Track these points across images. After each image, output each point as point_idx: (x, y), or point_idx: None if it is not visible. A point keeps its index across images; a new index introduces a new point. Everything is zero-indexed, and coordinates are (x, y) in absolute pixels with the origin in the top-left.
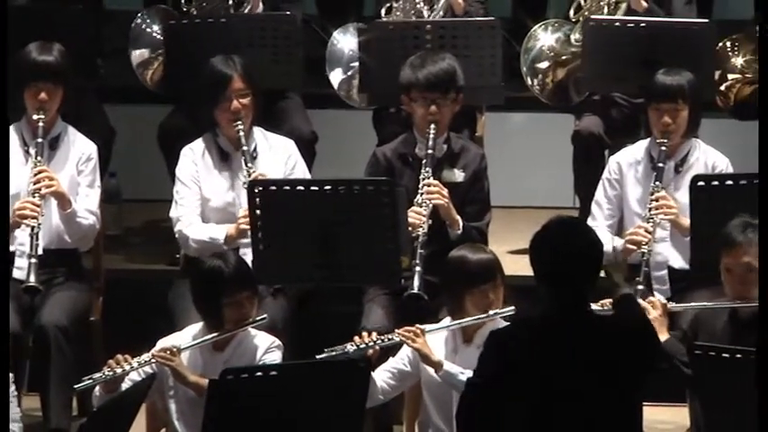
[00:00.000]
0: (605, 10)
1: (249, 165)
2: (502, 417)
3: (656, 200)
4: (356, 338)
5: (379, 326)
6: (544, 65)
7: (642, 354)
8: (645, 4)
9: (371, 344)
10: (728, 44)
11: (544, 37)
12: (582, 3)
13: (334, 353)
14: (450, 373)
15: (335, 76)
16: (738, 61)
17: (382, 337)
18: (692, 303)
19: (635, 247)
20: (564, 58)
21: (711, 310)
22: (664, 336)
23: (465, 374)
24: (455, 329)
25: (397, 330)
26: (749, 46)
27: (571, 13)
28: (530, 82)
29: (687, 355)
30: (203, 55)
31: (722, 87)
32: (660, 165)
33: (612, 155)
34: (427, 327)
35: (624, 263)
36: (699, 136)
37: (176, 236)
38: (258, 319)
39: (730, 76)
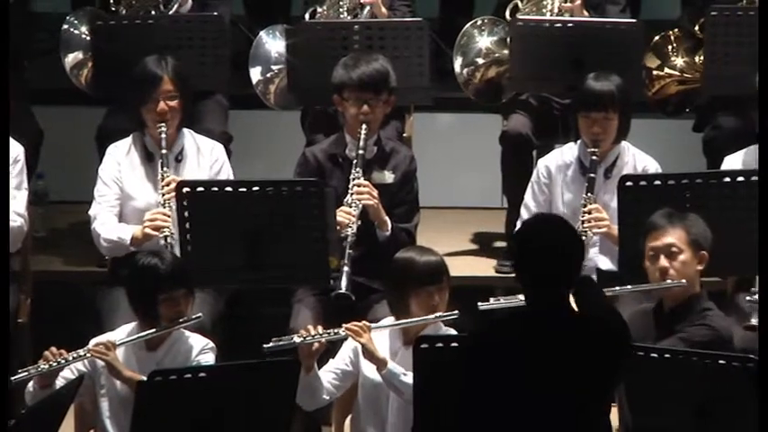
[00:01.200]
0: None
1: (165, 169)
2: (483, 417)
3: (589, 212)
4: (302, 331)
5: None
6: (479, 64)
7: (618, 353)
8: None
9: (318, 336)
10: (668, 40)
11: (480, 36)
12: (519, 4)
13: (281, 343)
14: (392, 373)
15: (255, 74)
16: (678, 61)
17: (329, 331)
18: (626, 287)
19: None
20: (498, 57)
21: (635, 313)
22: None
23: (407, 376)
24: (397, 332)
25: (344, 325)
26: (684, 44)
27: (507, 13)
28: (463, 81)
29: None
30: (131, 55)
31: (653, 75)
32: (591, 175)
33: (541, 156)
34: (373, 325)
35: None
36: (627, 137)
37: (92, 234)
38: (193, 317)
39: (666, 71)
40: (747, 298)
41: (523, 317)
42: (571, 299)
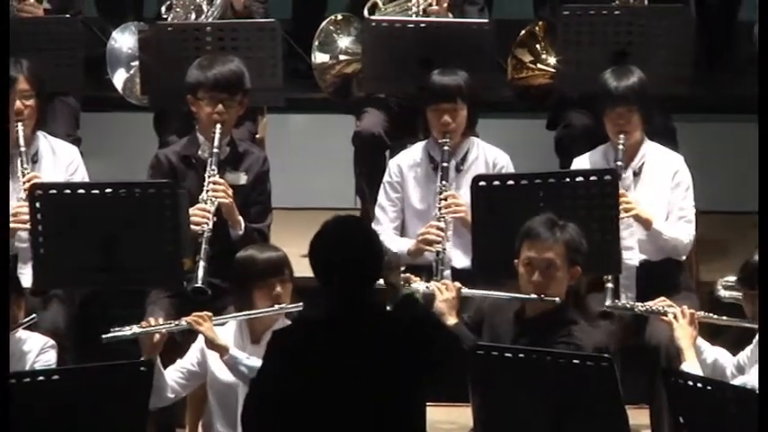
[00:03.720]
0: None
1: (25, 166)
2: (286, 416)
3: (445, 198)
4: (143, 322)
5: None
6: (337, 61)
7: (424, 351)
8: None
9: (158, 327)
10: (535, 38)
11: (339, 35)
12: (379, 3)
13: (120, 333)
14: (235, 358)
15: (119, 78)
16: (551, 60)
17: (169, 322)
18: (485, 291)
19: (428, 247)
20: (356, 56)
21: (496, 308)
22: (453, 319)
23: (251, 359)
24: (244, 329)
25: (184, 318)
26: (552, 41)
27: (365, 12)
28: (319, 78)
29: (470, 354)
30: None
31: (526, 65)
32: (444, 164)
33: (393, 156)
34: (216, 317)
35: (397, 265)
36: (479, 135)
37: None
38: (26, 320)
39: (538, 65)
40: (720, 288)
41: (323, 318)
42: None
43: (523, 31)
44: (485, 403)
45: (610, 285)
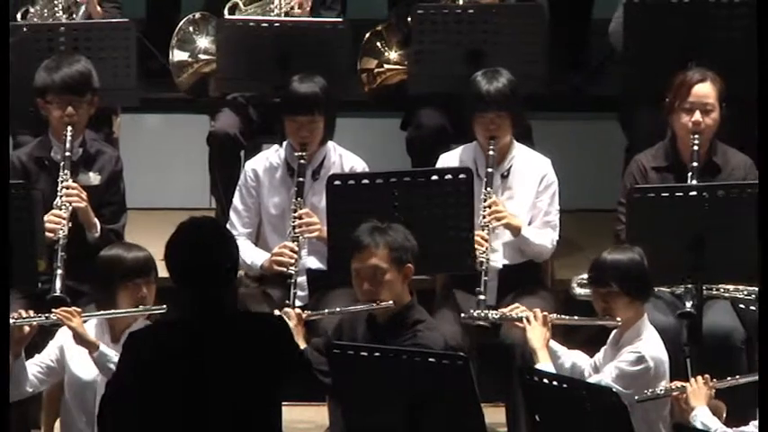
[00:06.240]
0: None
1: None
2: (141, 418)
3: (300, 217)
4: (14, 314)
5: None
6: (194, 60)
7: (279, 353)
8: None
9: (28, 319)
10: (376, 38)
11: (198, 35)
12: (240, 4)
13: None
14: (105, 355)
15: None
16: (392, 55)
17: (40, 315)
18: (327, 310)
19: (281, 268)
20: (213, 56)
21: (352, 315)
22: (302, 344)
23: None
24: (104, 327)
25: (54, 310)
26: (395, 39)
27: (225, 12)
28: (176, 77)
29: (327, 354)
30: None
31: (374, 71)
32: (300, 179)
33: (249, 156)
34: (84, 314)
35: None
36: (334, 137)
37: None
38: None
39: (386, 66)
40: (575, 286)
41: (178, 320)
42: None
43: (364, 40)
44: (342, 403)
45: (482, 297)
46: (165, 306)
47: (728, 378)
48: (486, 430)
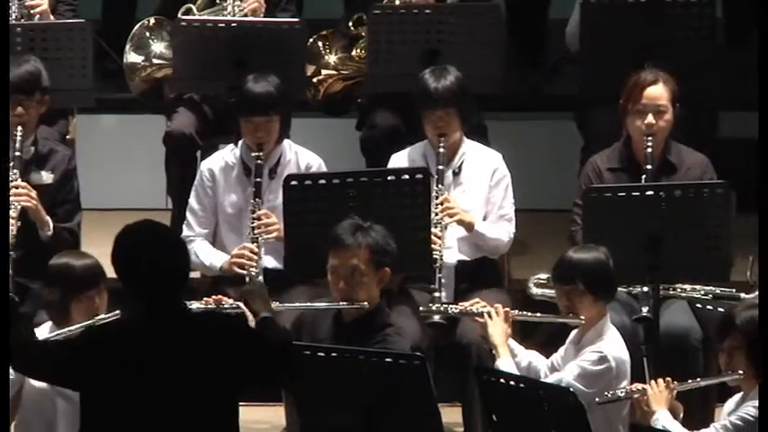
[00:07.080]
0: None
1: None
2: (94, 420)
3: (259, 218)
4: None
5: None
6: (149, 64)
7: (235, 351)
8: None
9: None
10: (320, 42)
11: (153, 40)
12: (193, 8)
13: None
14: None
15: None
16: (332, 58)
17: None
18: (295, 304)
19: (241, 270)
20: (167, 61)
21: (316, 313)
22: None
23: None
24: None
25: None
26: (339, 43)
27: (179, 16)
28: (129, 80)
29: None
30: None
31: (315, 82)
32: (258, 180)
33: (205, 156)
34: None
35: (263, 291)
36: (290, 136)
37: None
38: None
39: (324, 72)
40: (532, 286)
41: (128, 322)
42: None
43: (309, 42)
44: (298, 403)
45: (437, 294)
46: (118, 312)
47: (689, 381)
48: (442, 430)
